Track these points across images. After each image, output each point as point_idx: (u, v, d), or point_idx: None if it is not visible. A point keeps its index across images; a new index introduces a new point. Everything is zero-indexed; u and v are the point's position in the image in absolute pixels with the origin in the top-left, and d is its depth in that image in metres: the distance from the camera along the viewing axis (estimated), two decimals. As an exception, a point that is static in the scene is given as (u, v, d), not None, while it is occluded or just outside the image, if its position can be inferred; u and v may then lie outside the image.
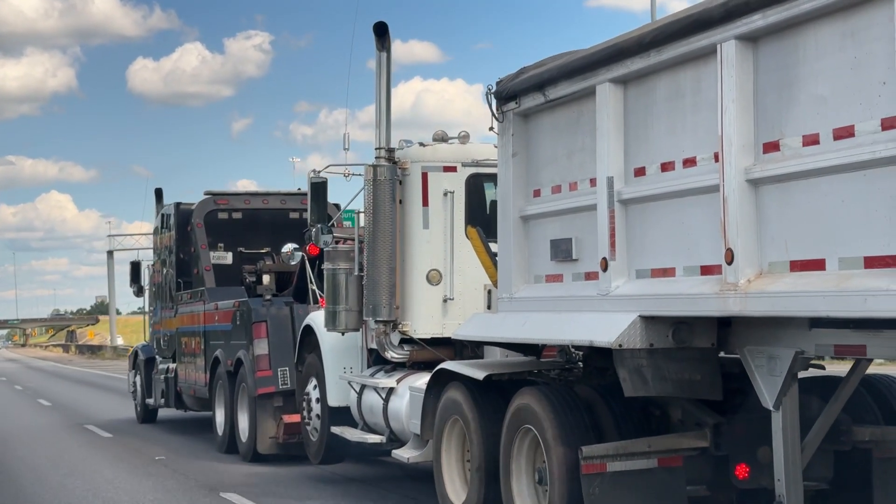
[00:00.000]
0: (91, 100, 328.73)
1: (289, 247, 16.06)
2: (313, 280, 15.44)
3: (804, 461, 7.14)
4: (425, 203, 11.74)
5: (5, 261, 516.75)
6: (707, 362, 7.65)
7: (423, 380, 10.58)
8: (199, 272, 18.24)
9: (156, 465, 15.43)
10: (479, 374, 9.24)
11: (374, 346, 12.07)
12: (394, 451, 11.11)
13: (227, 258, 18.26)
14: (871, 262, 5.81)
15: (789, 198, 6.37)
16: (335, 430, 12.71)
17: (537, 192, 8.98)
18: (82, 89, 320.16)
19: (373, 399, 11.91)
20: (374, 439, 11.85)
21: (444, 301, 11.71)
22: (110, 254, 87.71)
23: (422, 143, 12.02)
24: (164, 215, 20.24)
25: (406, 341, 11.82)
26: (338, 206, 15.88)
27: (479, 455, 9.25)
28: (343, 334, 12.74)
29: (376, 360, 12.36)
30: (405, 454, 10.77)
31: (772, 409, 6.97)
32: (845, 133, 5.96)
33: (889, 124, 5.65)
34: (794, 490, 6.97)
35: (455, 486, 9.88)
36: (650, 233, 7.61)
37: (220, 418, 16.84)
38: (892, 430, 8.09)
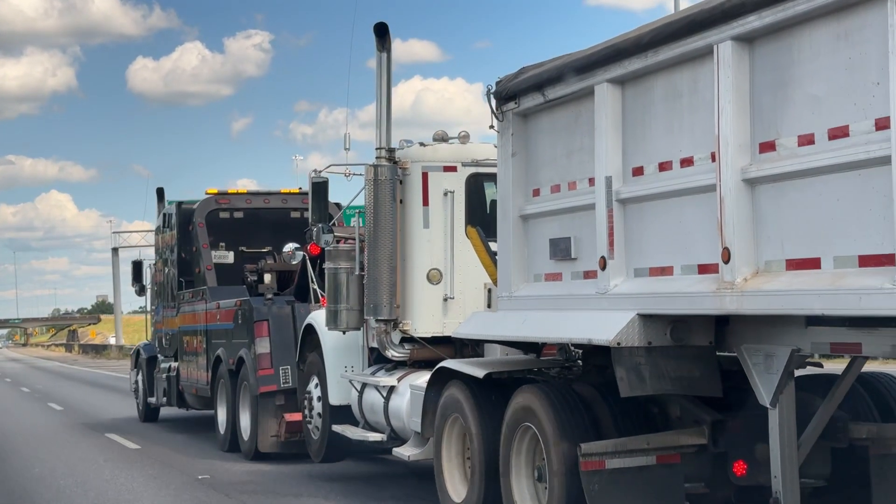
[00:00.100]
0: (91, 99, 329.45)
1: (290, 246, 16.11)
2: (314, 279, 15.47)
3: (801, 458, 7.19)
4: (426, 203, 11.77)
5: (5, 260, 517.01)
6: (705, 360, 7.68)
7: (423, 378, 10.61)
8: (200, 271, 18.27)
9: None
10: (479, 373, 9.28)
11: (375, 344, 12.09)
12: (395, 449, 11.14)
13: (229, 257, 18.28)
14: (866, 261, 5.86)
15: (785, 197, 6.42)
16: (336, 428, 12.73)
17: (536, 192, 9.03)
18: (82, 89, 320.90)
19: (374, 397, 11.95)
20: (375, 437, 11.87)
21: (445, 300, 11.74)
22: (115, 251, 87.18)
23: (422, 143, 12.05)
24: (165, 214, 20.26)
25: (407, 340, 11.85)
26: (339, 206, 15.91)
27: (479, 453, 9.29)
28: (344, 333, 12.76)
29: (377, 358, 12.38)
30: (406, 452, 10.81)
31: (768, 406, 7.02)
32: (840, 133, 6.02)
33: (882, 124, 5.70)
34: (791, 487, 7.02)
35: (455, 484, 9.92)
36: (648, 232, 7.66)
37: (222, 417, 16.87)
38: (888, 427, 8.12)
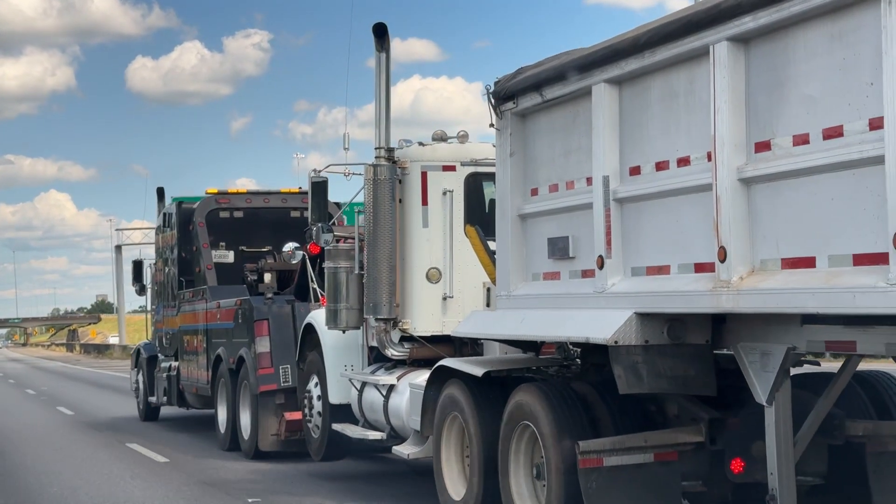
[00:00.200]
0: (90, 99, 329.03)
1: (290, 245, 16.15)
2: (314, 278, 15.50)
3: (797, 455, 7.23)
4: (425, 202, 11.81)
5: (5, 260, 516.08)
6: (701, 358, 7.72)
7: (422, 377, 10.65)
8: (200, 271, 18.31)
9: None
10: (478, 371, 9.32)
11: (375, 343, 12.13)
12: (394, 447, 11.17)
13: (229, 257, 18.32)
14: (860, 260, 5.91)
15: (780, 196, 6.47)
16: (336, 427, 12.75)
17: (535, 191, 9.07)
18: (81, 88, 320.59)
19: (373, 396, 11.98)
20: (374, 436, 11.91)
21: (444, 299, 11.78)
22: (118, 248, 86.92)
23: (421, 143, 12.09)
24: (165, 214, 20.30)
25: (406, 339, 11.88)
26: (338, 205, 15.94)
27: (478, 451, 9.33)
28: (344, 332, 12.78)
29: (377, 357, 12.42)
30: (405, 450, 10.85)
31: (765, 404, 7.05)
32: (834, 133, 6.06)
33: (876, 124, 5.74)
34: (787, 483, 7.06)
35: (454, 482, 9.96)
36: (645, 231, 7.70)
37: (223, 416, 16.91)
38: (884, 425, 8.17)
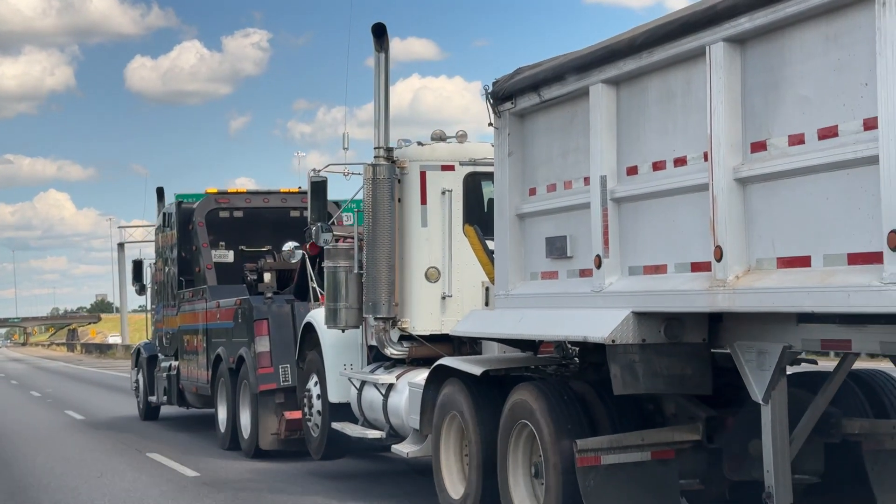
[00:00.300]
0: (89, 98, 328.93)
1: (289, 245, 16.16)
2: (314, 278, 15.51)
3: (793, 453, 7.27)
4: (424, 201, 11.84)
5: (4, 259, 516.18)
6: (698, 357, 7.75)
7: (421, 376, 10.68)
8: (200, 270, 18.34)
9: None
10: (477, 370, 9.36)
11: (374, 342, 12.16)
12: (393, 446, 11.20)
13: (229, 256, 18.35)
14: (854, 259, 5.95)
15: (776, 196, 6.51)
16: (336, 425, 12.79)
17: (533, 191, 9.11)
18: (80, 88, 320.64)
19: (373, 395, 12.02)
20: (374, 435, 11.94)
21: (443, 298, 11.81)
22: (121, 246, 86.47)
23: (420, 143, 12.12)
24: (165, 214, 20.33)
25: (405, 338, 11.92)
26: (338, 205, 15.97)
27: (477, 449, 9.37)
28: (343, 331, 12.81)
29: (376, 356, 12.45)
30: (405, 449, 10.88)
31: (761, 402, 7.09)
32: (829, 133, 6.10)
33: (870, 124, 5.78)
34: (783, 481, 7.09)
35: (453, 480, 9.99)
36: (642, 230, 7.74)
37: (223, 415, 16.95)
38: (881, 423, 8.22)
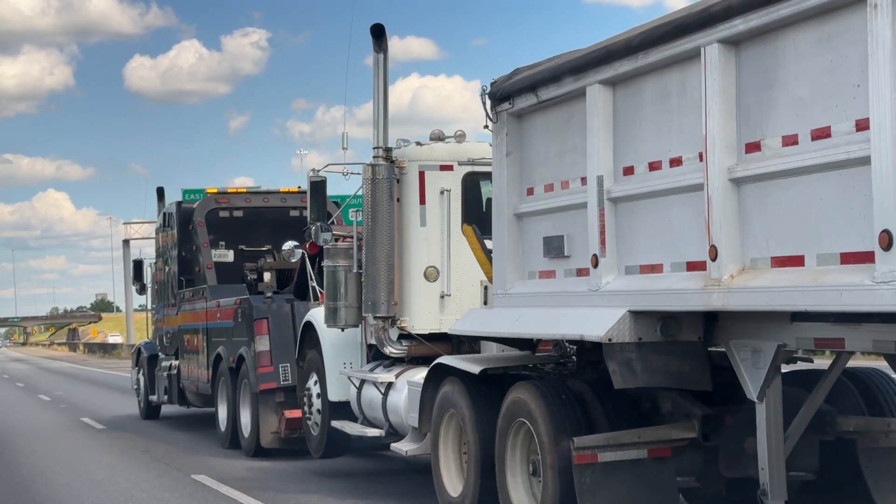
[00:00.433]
0: (88, 98, 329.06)
1: (289, 244, 16.22)
2: (313, 277, 15.56)
3: (787, 451, 7.32)
4: (422, 201, 11.89)
5: (3, 259, 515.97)
6: (694, 355, 7.82)
7: (420, 375, 10.72)
8: (200, 270, 18.39)
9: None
10: (475, 369, 9.42)
11: (374, 341, 12.20)
12: (393, 444, 11.24)
13: (229, 256, 18.39)
14: (847, 258, 6.01)
15: (770, 196, 6.56)
16: (336, 424, 12.83)
17: (531, 191, 9.16)
18: (79, 87, 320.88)
19: (372, 394, 12.07)
20: (373, 433, 11.97)
21: (442, 297, 11.86)
22: (126, 242, 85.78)
23: (419, 143, 12.16)
24: (165, 214, 20.38)
25: (404, 337, 11.97)
26: (337, 204, 16.02)
27: (475, 448, 9.41)
28: (343, 330, 12.85)
29: (375, 355, 12.49)
30: (404, 447, 10.93)
31: (756, 400, 7.14)
32: (822, 134, 6.16)
33: (862, 125, 5.84)
34: (778, 478, 7.15)
35: (452, 478, 10.04)
36: (638, 230, 7.79)
37: (223, 414, 17.00)
38: (875, 421, 8.28)
